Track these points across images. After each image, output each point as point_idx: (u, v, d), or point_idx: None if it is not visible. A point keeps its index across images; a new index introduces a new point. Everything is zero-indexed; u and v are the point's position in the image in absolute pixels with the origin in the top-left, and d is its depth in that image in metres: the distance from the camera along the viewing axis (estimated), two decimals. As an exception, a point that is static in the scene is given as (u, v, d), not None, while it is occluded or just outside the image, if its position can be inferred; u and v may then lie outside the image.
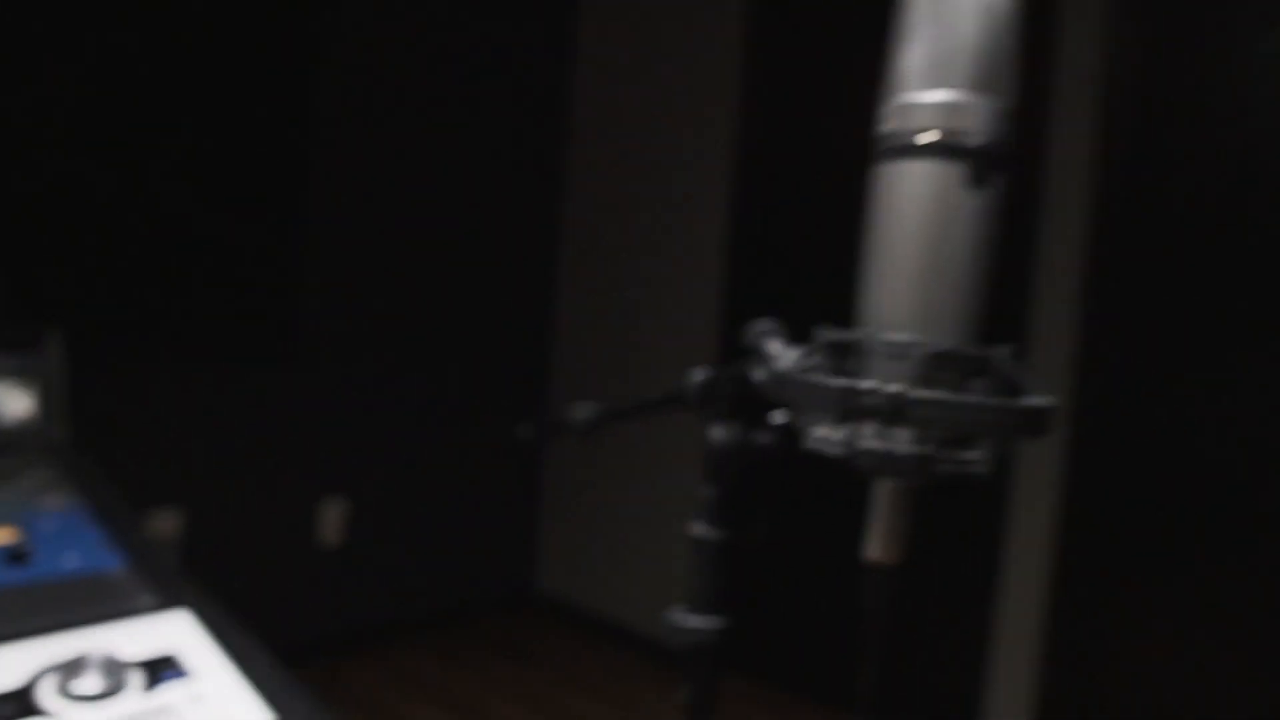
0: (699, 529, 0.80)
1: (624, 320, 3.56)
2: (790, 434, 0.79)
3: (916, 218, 0.54)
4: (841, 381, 0.51)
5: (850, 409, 0.50)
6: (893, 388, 0.49)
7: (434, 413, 3.45)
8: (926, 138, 0.53)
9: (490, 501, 3.68)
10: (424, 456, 3.43)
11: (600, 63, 3.69)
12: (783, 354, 0.67)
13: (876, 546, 0.58)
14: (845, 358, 0.56)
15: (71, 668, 0.77)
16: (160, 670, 0.82)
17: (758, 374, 0.70)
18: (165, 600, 0.96)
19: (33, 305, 2.46)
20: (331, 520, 3.17)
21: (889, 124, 0.56)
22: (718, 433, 0.79)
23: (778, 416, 0.79)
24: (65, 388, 1.43)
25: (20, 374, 1.40)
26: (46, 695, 0.75)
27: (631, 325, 3.54)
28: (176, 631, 0.90)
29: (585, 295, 3.73)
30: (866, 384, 0.50)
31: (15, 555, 1.01)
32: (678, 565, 3.31)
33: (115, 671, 0.78)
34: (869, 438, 0.52)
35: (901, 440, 0.52)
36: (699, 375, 0.85)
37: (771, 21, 3.15)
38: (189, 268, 2.78)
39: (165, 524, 2.76)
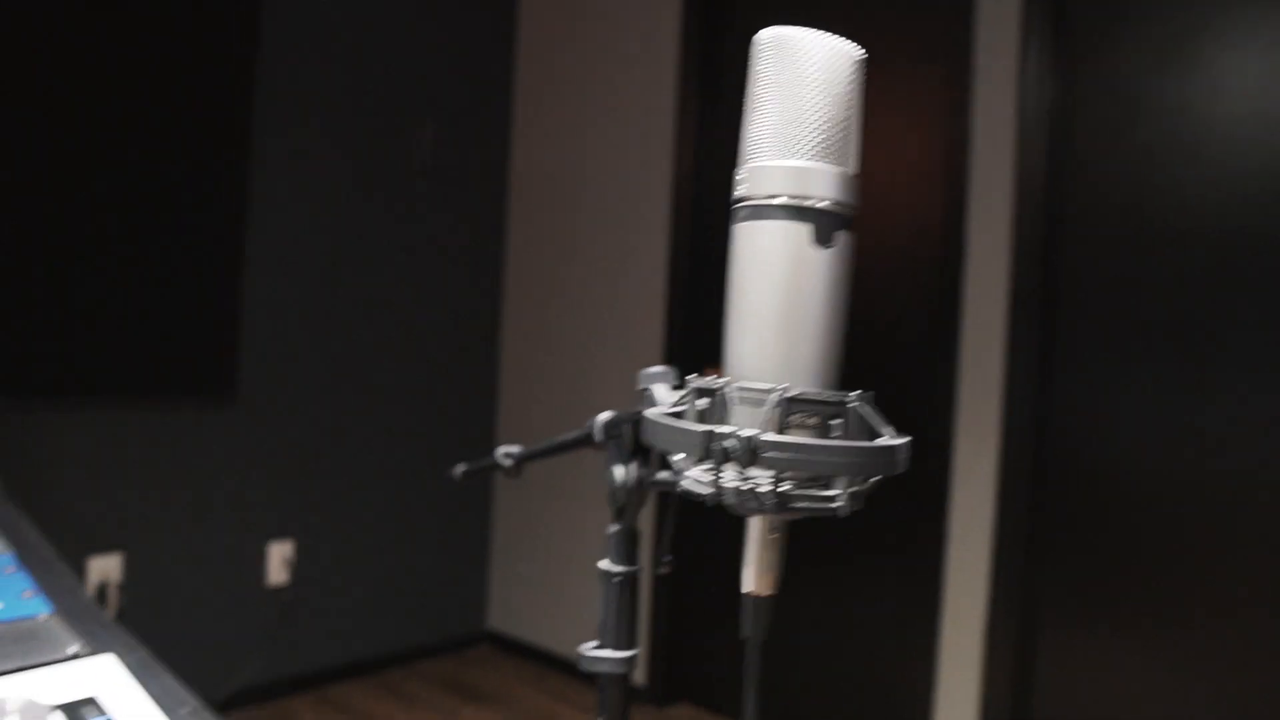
0: (606, 564, 0.84)
1: (569, 358, 3.61)
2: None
3: (770, 273, 0.59)
4: (702, 427, 0.55)
5: (709, 452, 0.55)
6: (747, 432, 0.54)
7: (381, 453, 3.45)
8: (777, 200, 0.59)
9: (438, 541, 3.68)
10: (371, 498, 3.43)
11: (538, 101, 3.76)
12: (665, 399, 0.72)
13: (752, 579, 0.63)
14: (712, 404, 0.60)
15: (-9, 714, 0.79)
16: (83, 714, 0.84)
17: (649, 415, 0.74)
18: (90, 646, 0.98)
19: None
20: (279, 563, 3.16)
21: (743, 187, 0.61)
22: (619, 471, 0.83)
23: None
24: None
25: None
26: (-34, 742, 0.77)
27: (576, 362, 3.58)
28: (100, 676, 0.92)
29: (530, 334, 3.77)
30: (724, 429, 0.54)
31: (-59, 605, 1.02)
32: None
33: (36, 715, 0.80)
34: (731, 478, 0.56)
35: (762, 480, 0.56)
36: (603, 416, 0.89)
37: (706, 58, 3.24)
38: (123, 306, 2.77)
39: (106, 570, 2.74)
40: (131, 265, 2.77)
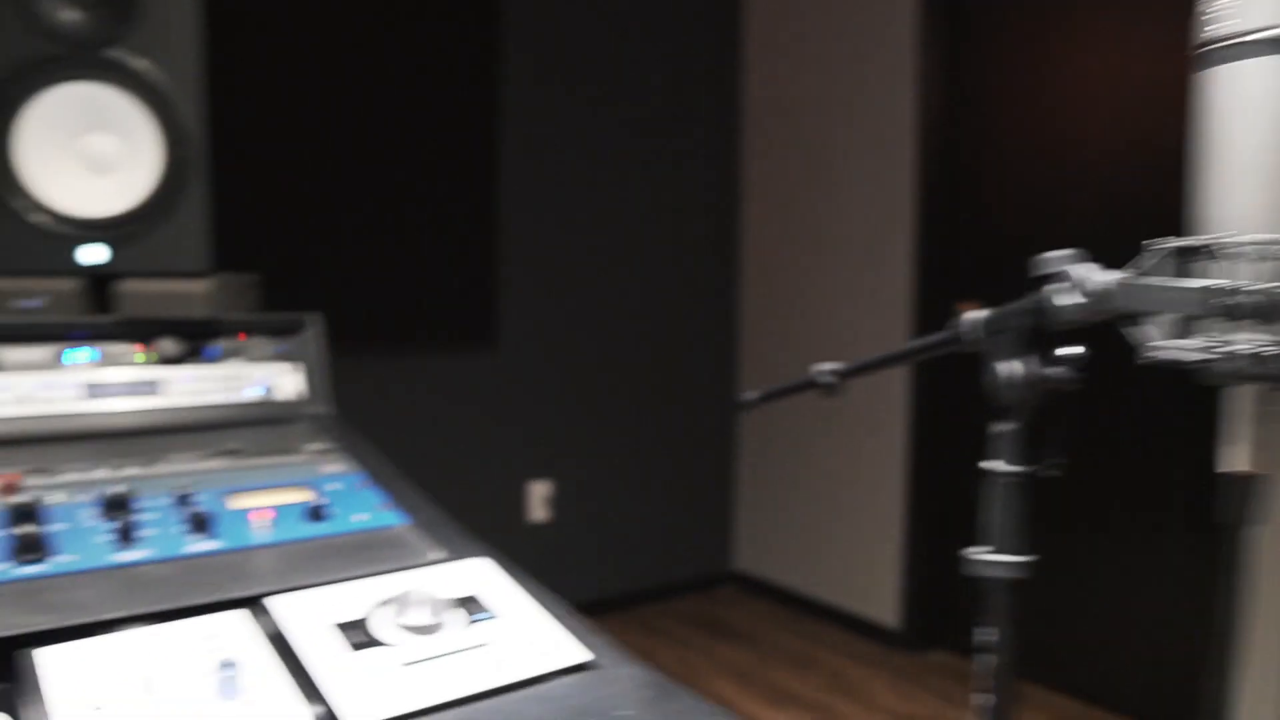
0: (996, 465, 0.80)
1: (809, 303, 3.55)
2: (1081, 366, 0.78)
3: (1262, 117, 0.52)
4: (1204, 282, 0.50)
5: (1216, 309, 0.50)
6: (1265, 285, 0.48)
7: (629, 396, 3.53)
8: (1265, 34, 0.52)
9: (686, 482, 3.74)
10: (622, 440, 3.52)
11: (769, 39, 3.68)
12: (1099, 274, 0.66)
13: (1239, 457, 0.57)
14: (1188, 265, 0.55)
15: (401, 602, 0.84)
16: (474, 609, 0.88)
17: (1065, 299, 0.69)
18: (461, 551, 1.03)
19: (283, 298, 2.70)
20: (539, 501, 3.29)
21: (1218, 27, 0.54)
22: (1009, 368, 0.79)
23: (1067, 349, 0.77)
24: (328, 367, 1.55)
25: (290, 357, 1.53)
26: (381, 626, 0.82)
27: (817, 308, 3.52)
28: (478, 577, 0.96)
29: (770, 281, 3.73)
30: (1233, 284, 0.49)
31: (315, 513, 1.10)
32: (870, 538, 3.28)
33: (439, 608, 0.84)
34: (1233, 341, 0.51)
35: (1265, 343, 0.50)
36: (978, 314, 0.84)
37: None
38: (403, 269, 2.97)
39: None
40: (407, 232, 2.97)
